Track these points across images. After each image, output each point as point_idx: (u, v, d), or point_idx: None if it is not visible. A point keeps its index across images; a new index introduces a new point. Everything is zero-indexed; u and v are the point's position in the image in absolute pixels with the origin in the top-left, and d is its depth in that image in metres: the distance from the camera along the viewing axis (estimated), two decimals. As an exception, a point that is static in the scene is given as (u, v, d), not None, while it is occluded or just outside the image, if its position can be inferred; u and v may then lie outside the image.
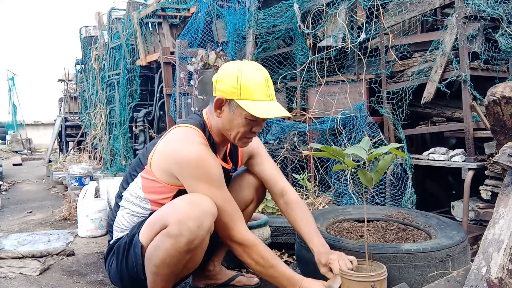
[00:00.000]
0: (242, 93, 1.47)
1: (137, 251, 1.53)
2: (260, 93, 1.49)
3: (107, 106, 6.72)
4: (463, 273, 1.43)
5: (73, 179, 4.32)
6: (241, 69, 1.50)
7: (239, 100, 1.48)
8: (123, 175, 1.78)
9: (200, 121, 1.62)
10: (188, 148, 1.48)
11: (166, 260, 1.45)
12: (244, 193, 1.85)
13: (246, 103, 1.47)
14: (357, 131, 2.92)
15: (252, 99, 1.48)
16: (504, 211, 1.49)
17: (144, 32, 5.31)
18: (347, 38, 3.02)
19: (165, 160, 1.54)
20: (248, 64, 1.53)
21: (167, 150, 1.55)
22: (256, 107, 1.47)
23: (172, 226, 1.41)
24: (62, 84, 11.30)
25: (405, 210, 2.20)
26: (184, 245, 1.41)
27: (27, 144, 12.55)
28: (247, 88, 1.47)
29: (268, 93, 1.51)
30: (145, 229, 1.52)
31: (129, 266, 1.59)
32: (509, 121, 1.74)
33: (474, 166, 2.44)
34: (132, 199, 1.63)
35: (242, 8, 3.96)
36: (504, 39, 2.55)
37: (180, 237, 1.40)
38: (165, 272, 1.48)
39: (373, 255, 1.62)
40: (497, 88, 1.76)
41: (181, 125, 1.61)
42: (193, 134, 1.55)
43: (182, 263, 1.48)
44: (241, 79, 1.47)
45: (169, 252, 1.43)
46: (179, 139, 1.55)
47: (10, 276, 2.25)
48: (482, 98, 2.31)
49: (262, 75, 1.51)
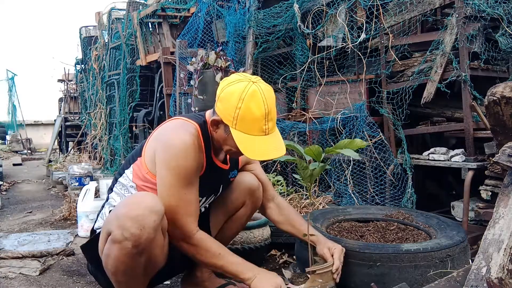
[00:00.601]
0: (237, 125, 1.43)
1: None
2: (257, 129, 1.43)
3: (107, 106, 6.73)
4: (463, 273, 1.43)
5: (73, 179, 4.32)
6: (244, 99, 1.41)
7: (234, 129, 1.44)
8: None
9: (202, 119, 1.60)
10: (176, 136, 1.48)
11: (120, 268, 1.40)
12: (236, 195, 1.79)
13: (239, 136, 1.43)
14: (357, 131, 2.92)
15: (247, 133, 1.43)
16: (504, 211, 1.49)
17: (144, 32, 5.31)
18: (347, 38, 3.01)
19: (153, 145, 1.53)
20: (252, 93, 1.42)
21: (158, 135, 1.56)
22: (247, 143, 1.43)
23: (114, 232, 1.36)
24: (62, 84, 11.29)
25: (405, 210, 2.20)
26: (132, 249, 1.35)
27: (27, 144, 12.55)
28: (244, 123, 1.43)
29: (266, 127, 1.44)
30: (101, 234, 1.47)
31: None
32: (509, 121, 1.74)
33: (474, 166, 2.44)
34: (123, 192, 1.60)
35: (242, 8, 3.96)
36: (504, 39, 2.55)
37: (124, 242, 1.34)
38: (125, 279, 1.44)
39: (373, 255, 1.62)
40: (497, 88, 1.76)
41: (178, 117, 1.60)
42: (188, 126, 1.53)
43: (139, 267, 1.42)
44: (239, 111, 1.41)
45: (119, 259, 1.38)
46: (172, 127, 1.55)
47: (10, 276, 2.25)
48: (482, 98, 2.31)
49: (263, 109, 1.42)
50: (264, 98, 1.43)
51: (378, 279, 1.59)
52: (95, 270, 1.63)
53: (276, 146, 1.48)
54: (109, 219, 1.43)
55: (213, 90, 3.18)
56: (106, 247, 1.41)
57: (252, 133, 1.44)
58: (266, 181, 1.86)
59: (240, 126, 1.43)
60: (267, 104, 1.43)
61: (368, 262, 1.62)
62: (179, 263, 1.71)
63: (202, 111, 1.71)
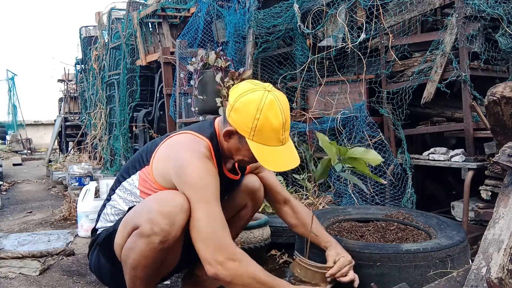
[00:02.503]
0: (255, 136, 1.40)
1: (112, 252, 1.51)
2: (274, 139, 1.42)
3: (107, 106, 6.73)
4: (463, 273, 1.42)
5: (73, 179, 4.32)
6: (262, 110, 1.38)
7: (250, 141, 1.41)
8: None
9: (211, 131, 1.55)
10: (191, 158, 1.42)
11: (142, 262, 1.41)
12: (237, 196, 1.80)
13: (256, 147, 1.41)
14: (357, 131, 2.92)
15: (265, 144, 1.41)
16: (504, 211, 1.49)
17: (144, 32, 5.31)
18: (347, 38, 3.02)
19: (166, 164, 1.49)
20: (270, 103, 1.39)
21: (170, 155, 1.49)
22: (265, 154, 1.41)
23: (143, 226, 1.37)
24: (62, 84, 11.30)
25: (405, 210, 2.20)
26: (158, 244, 1.37)
27: (27, 144, 12.55)
28: (262, 134, 1.40)
29: (283, 137, 1.43)
30: (120, 229, 1.49)
31: (105, 265, 1.58)
32: (509, 121, 1.74)
33: (474, 166, 2.44)
34: (126, 196, 1.59)
35: (242, 8, 3.96)
36: (504, 39, 2.55)
37: (153, 237, 1.36)
38: (142, 273, 1.45)
39: (373, 255, 1.62)
40: (497, 88, 1.76)
41: (189, 132, 1.54)
42: (199, 144, 1.48)
43: (158, 263, 1.44)
44: (257, 122, 1.38)
45: (143, 253, 1.39)
46: (184, 147, 1.48)
47: (10, 276, 2.25)
48: (482, 98, 2.31)
49: (281, 119, 1.40)
50: (281, 108, 1.41)
51: (378, 279, 1.59)
52: (103, 268, 1.63)
53: (293, 155, 1.47)
54: (137, 213, 1.43)
55: (213, 90, 3.18)
56: (130, 241, 1.42)
57: (270, 144, 1.42)
58: (277, 184, 1.83)
59: (258, 137, 1.41)
60: (284, 114, 1.41)
61: (368, 262, 1.62)
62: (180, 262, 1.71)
63: (209, 119, 1.66)
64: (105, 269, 1.62)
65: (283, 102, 1.43)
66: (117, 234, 1.50)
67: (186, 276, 1.88)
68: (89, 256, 1.71)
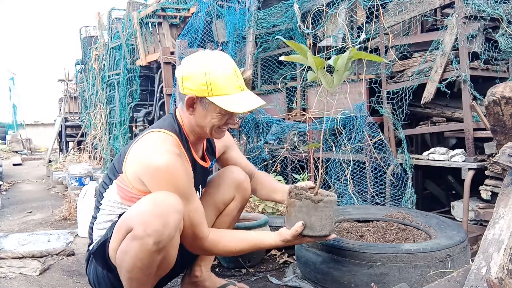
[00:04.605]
0: (213, 90, 1.45)
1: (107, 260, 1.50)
2: (232, 86, 1.47)
3: (107, 106, 6.73)
4: (463, 273, 1.42)
5: (73, 179, 4.32)
6: (207, 63, 1.46)
7: (211, 97, 1.45)
8: None
9: (174, 124, 1.56)
10: (158, 157, 1.42)
11: (137, 264, 1.39)
12: (224, 191, 1.81)
13: (219, 100, 1.45)
14: (357, 131, 2.92)
15: (225, 93, 1.45)
16: (504, 211, 1.49)
17: (144, 32, 5.31)
18: (347, 38, 3.02)
19: (136, 167, 1.48)
20: (212, 56, 1.49)
21: (138, 157, 1.49)
22: (230, 102, 1.45)
23: (136, 228, 1.36)
24: (62, 84, 11.30)
25: (405, 210, 2.20)
26: (152, 246, 1.35)
27: (27, 144, 12.56)
28: (218, 84, 1.45)
29: (239, 84, 1.49)
30: (114, 233, 1.47)
31: (102, 274, 1.57)
32: (509, 121, 1.74)
33: (474, 166, 2.44)
34: (110, 208, 1.57)
35: (242, 8, 3.97)
36: (504, 39, 2.56)
37: (146, 238, 1.34)
38: (138, 276, 1.44)
39: (373, 255, 1.63)
40: (497, 88, 1.76)
41: (154, 130, 1.54)
42: (165, 141, 1.49)
43: (154, 265, 1.43)
44: (209, 75, 1.44)
45: (138, 255, 1.38)
46: (150, 146, 1.48)
47: (10, 276, 2.25)
48: (482, 98, 2.31)
49: (230, 67, 1.48)
50: (224, 57, 1.50)
51: (378, 279, 1.60)
52: (101, 278, 1.61)
53: (257, 98, 1.53)
54: (130, 216, 1.42)
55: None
56: (124, 244, 1.41)
57: (230, 92, 1.46)
58: (241, 161, 1.90)
59: (216, 90, 1.45)
60: (229, 62, 1.49)
61: (368, 262, 1.63)
62: (180, 264, 1.71)
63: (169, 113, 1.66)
64: (103, 278, 1.60)
65: (224, 54, 1.52)
66: (111, 239, 1.48)
67: (186, 276, 1.88)
68: (87, 271, 1.69)
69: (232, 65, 1.50)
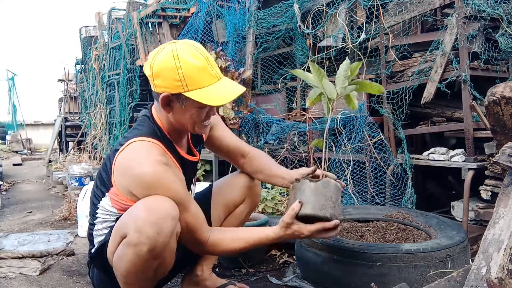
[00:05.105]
0: (188, 84, 1.34)
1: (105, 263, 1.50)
2: (208, 76, 1.37)
3: (107, 106, 6.72)
4: (463, 273, 1.42)
5: (73, 179, 4.32)
6: (177, 56, 1.34)
7: (188, 92, 1.35)
8: None
9: (153, 127, 1.49)
10: (145, 170, 1.36)
11: (131, 270, 1.38)
12: (234, 193, 1.81)
13: (197, 94, 1.35)
14: (357, 131, 2.92)
15: (202, 86, 1.36)
16: (504, 211, 1.49)
17: (144, 32, 5.31)
18: (347, 38, 3.02)
19: (126, 182, 1.43)
20: (181, 47, 1.36)
21: (125, 169, 1.43)
22: (209, 94, 1.36)
23: (130, 235, 1.33)
24: (62, 84, 11.28)
25: (405, 210, 2.20)
26: (146, 253, 1.33)
27: (27, 144, 12.55)
28: (192, 78, 1.34)
29: (214, 72, 1.38)
30: (111, 237, 1.46)
31: (103, 277, 1.57)
32: (509, 121, 1.74)
33: (474, 166, 2.44)
34: (108, 217, 1.54)
35: (242, 8, 3.97)
36: (504, 39, 2.56)
37: (140, 245, 1.32)
38: (134, 281, 1.43)
39: (373, 255, 1.63)
40: (497, 88, 1.76)
41: (136, 139, 1.45)
42: (149, 151, 1.42)
43: (150, 270, 1.41)
44: (181, 70, 1.33)
45: (132, 261, 1.36)
46: (136, 159, 1.41)
47: (10, 276, 2.25)
48: (482, 98, 2.31)
49: (201, 55, 1.37)
50: (195, 47, 1.38)
51: (378, 279, 1.59)
52: (103, 282, 1.62)
53: (235, 84, 1.45)
54: (125, 221, 1.39)
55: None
56: (119, 250, 1.39)
57: (206, 84, 1.36)
58: (235, 141, 1.82)
59: (191, 84, 1.35)
60: (201, 51, 1.38)
61: (368, 262, 1.62)
62: (180, 263, 1.71)
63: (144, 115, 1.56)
64: (104, 281, 1.60)
65: (193, 43, 1.40)
66: (109, 242, 1.47)
67: (186, 275, 1.88)
68: (90, 274, 1.69)
69: (204, 53, 1.38)
